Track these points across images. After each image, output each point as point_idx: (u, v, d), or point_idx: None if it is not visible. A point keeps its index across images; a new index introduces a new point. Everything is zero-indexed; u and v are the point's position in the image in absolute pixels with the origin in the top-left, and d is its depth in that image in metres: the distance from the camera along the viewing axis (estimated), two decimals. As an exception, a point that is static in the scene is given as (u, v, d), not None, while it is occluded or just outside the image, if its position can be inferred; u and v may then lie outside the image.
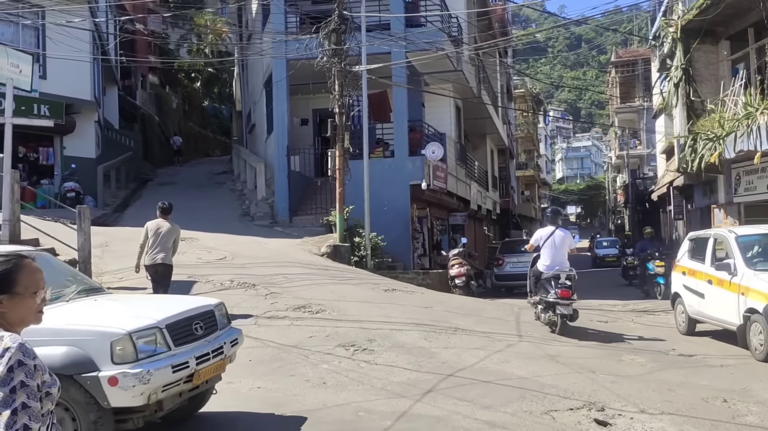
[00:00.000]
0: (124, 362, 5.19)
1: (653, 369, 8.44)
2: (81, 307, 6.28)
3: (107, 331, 5.31)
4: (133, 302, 7.34)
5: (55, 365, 5.16)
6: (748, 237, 9.93)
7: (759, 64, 16.23)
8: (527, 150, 57.15)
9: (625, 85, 45.76)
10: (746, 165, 15.34)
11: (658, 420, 6.13)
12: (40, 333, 5.26)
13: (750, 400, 6.78)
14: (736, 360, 8.99)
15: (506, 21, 32.12)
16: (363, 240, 15.88)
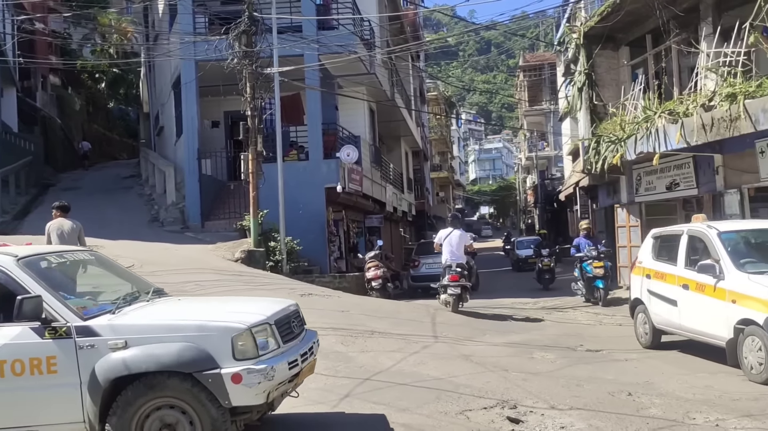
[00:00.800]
0: (246, 358, 4.97)
1: (562, 366, 8.72)
2: (175, 306, 6.06)
3: (228, 326, 5.07)
4: (218, 302, 7.08)
5: (171, 362, 4.92)
6: (732, 233, 8.62)
7: (656, 70, 17.03)
8: (441, 152, 58.04)
9: (532, 88, 47.22)
10: (646, 166, 16.07)
11: (567, 415, 6.32)
12: (153, 329, 5.10)
13: (653, 393, 7.09)
14: (639, 354, 9.41)
15: (418, 25, 32.50)
16: (278, 245, 15.71)
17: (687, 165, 14.97)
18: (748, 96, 11.40)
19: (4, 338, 4.93)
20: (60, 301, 5.06)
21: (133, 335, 4.95)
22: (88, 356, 4.90)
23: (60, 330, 4.92)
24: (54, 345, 4.92)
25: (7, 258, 5.22)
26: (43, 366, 4.90)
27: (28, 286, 5.01)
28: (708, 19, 13.89)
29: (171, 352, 4.88)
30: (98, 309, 5.35)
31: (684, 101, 13.43)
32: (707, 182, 14.51)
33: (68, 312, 5.01)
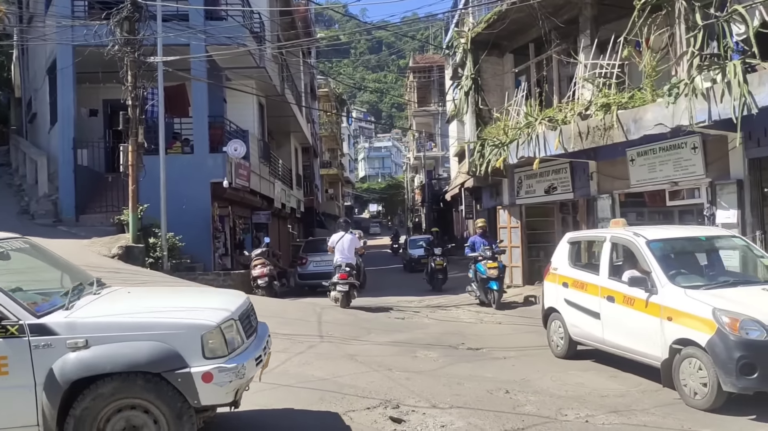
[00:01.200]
0: (216, 356, 4.80)
1: (444, 364, 8.91)
2: (132, 301, 5.72)
3: (197, 323, 4.87)
4: (174, 295, 6.70)
5: (140, 362, 4.68)
6: (660, 242, 7.89)
7: (538, 78, 17.75)
8: (331, 149, 58.00)
9: (422, 89, 48.09)
10: (527, 170, 16.73)
11: (448, 414, 6.46)
12: (116, 327, 4.80)
13: (529, 390, 7.37)
14: (517, 352, 9.75)
15: (309, 21, 32.27)
16: (159, 241, 15.13)
17: (564, 170, 15.70)
18: (620, 106, 12.07)
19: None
20: (8, 296, 4.72)
21: (93, 333, 4.69)
22: (44, 356, 4.61)
23: (11, 328, 4.60)
24: (4, 345, 4.59)
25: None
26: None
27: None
28: (586, 31, 14.60)
29: (139, 352, 4.67)
30: (49, 304, 5.01)
31: (563, 109, 14.06)
32: (582, 187, 15.28)
33: (19, 309, 4.68)
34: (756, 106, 9.33)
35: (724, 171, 11.44)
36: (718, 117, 9.99)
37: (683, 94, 10.47)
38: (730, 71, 9.61)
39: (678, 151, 12.16)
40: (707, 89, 10.09)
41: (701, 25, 10.54)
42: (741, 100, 9.39)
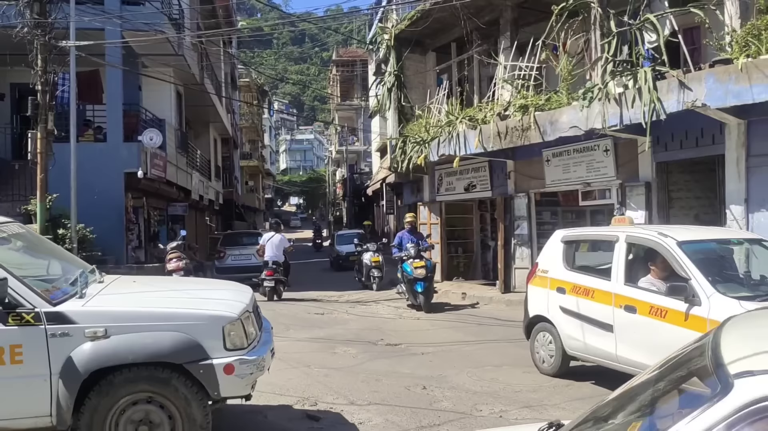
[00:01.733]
0: (237, 348, 4.77)
1: (363, 360, 8.93)
2: (147, 291, 5.61)
3: (218, 315, 4.82)
4: (184, 286, 6.61)
5: (163, 352, 4.59)
6: (694, 244, 6.58)
7: (460, 77, 18.02)
8: (252, 140, 57.05)
9: (345, 83, 47.96)
10: (447, 167, 16.96)
11: (366, 410, 6.47)
12: (142, 317, 4.70)
13: (445, 386, 7.48)
14: (435, 347, 9.88)
15: (231, 9, 31.63)
16: (69, 232, 14.49)
17: (483, 169, 16.01)
18: (538, 108, 12.40)
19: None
20: (23, 283, 4.53)
21: (113, 323, 4.57)
22: (61, 345, 4.46)
23: (27, 316, 4.44)
24: (20, 333, 4.42)
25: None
26: (6, 356, 4.39)
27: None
28: (506, 33, 14.91)
29: (161, 342, 4.59)
30: (62, 292, 4.82)
31: (483, 109, 14.32)
32: (500, 185, 15.62)
33: (34, 296, 4.51)
34: (664, 112, 9.76)
35: (633, 173, 11.93)
36: (629, 121, 10.40)
37: (597, 99, 10.85)
38: (641, 78, 10.02)
39: (591, 153, 12.60)
40: (619, 94, 10.49)
41: (615, 32, 10.94)
42: (651, 105, 9.81)
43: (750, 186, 9.89)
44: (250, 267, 20.33)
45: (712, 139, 10.51)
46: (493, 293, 15.16)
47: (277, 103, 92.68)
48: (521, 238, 14.93)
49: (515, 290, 14.90)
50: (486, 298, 14.76)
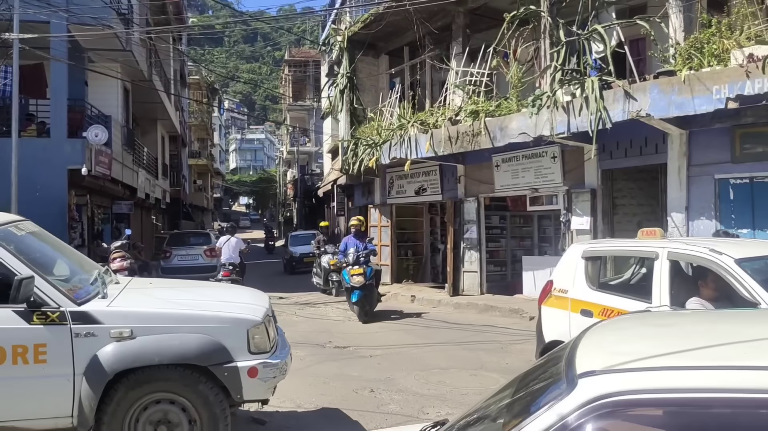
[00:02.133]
0: (260, 352, 4.77)
1: (311, 363, 8.88)
2: (168, 292, 5.60)
3: (243, 318, 4.82)
4: (202, 289, 6.55)
5: (189, 354, 4.56)
6: (756, 262, 5.66)
7: (412, 81, 18.12)
8: (201, 138, 56.23)
9: (297, 84, 47.66)
10: (398, 170, 17.03)
11: (312, 414, 6.44)
12: (167, 318, 4.66)
13: (393, 389, 7.50)
14: (383, 350, 9.90)
15: (182, 6, 31.12)
16: (8, 231, 14.05)
17: (434, 172, 16.12)
18: (488, 114, 12.56)
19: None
20: (48, 281, 4.48)
21: (139, 323, 4.55)
22: (86, 345, 4.42)
23: (52, 315, 4.38)
24: (45, 332, 4.37)
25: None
26: (29, 355, 4.33)
27: (10, 264, 4.40)
28: (459, 39, 15.06)
29: (188, 344, 4.56)
30: (84, 292, 4.76)
31: (434, 113, 14.43)
32: (450, 189, 15.76)
33: (59, 295, 4.46)
34: (610, 120, 10.00)
35: (579, 180, 12.18)
36: (576, 129, 10.62)
37: (546, 106, 11.04)
38: (588, 87, 10.24)
39: (539, 160, 12.81)
40: (567, 102, 10.70)
41: (564, 42, 11.16)
42: (597, 114, 10.03)
43: (690, 194, 10.22)
44: (196, 268, 20.05)
45: (656, 149, 10.82)
46: (441, 296, 15.27)
47: (228, 101, 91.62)
48: (470, 242, 15.08)
49: (463, 293, 15.05)
50: (435, 301, 14.86)
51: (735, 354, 2.03)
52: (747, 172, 9.59)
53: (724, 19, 9.55)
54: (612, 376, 1.90)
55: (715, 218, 9.92)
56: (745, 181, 9.62)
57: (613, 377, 1.89)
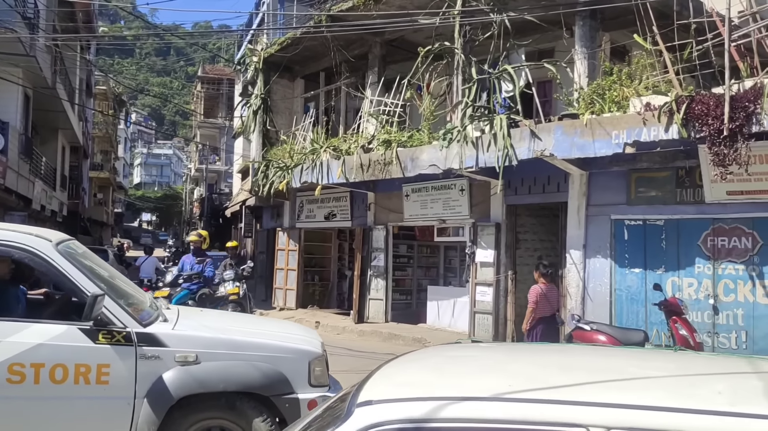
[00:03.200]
0: (320, 385, 4.72)
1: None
2: (228, 319, 5.69)
3: (305, 349, 4.78)
4: (247, 317, 6.65)
5: (253, 383, 4.49)
6: None
7: (326, 106, 18.18)
8: (105, 151, 54.17)
9: (209, 101, 46.92)
10: (309, 195, 16.96)
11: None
12: (232, 345, 4.57)
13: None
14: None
15: (92, 14, 30.12)
16: None
17: (345, 199, 16.17)
18: (400, 144, 12.75)
19: (41, 337, 4.15)
20: (114, 301, 4.37)
21: (203, 349, 4.45)
22: (150, 368, 4.31)
23: (118, 335, 4.27)
24: (110, 352, 4.25)
25: (42, 241, 4.36)
26: (92, 375, 4.19)
27: (78, 281, 4.28)
28: (374, 68, 15.27)
29: (252, 372, 4.48)
30: (147, 314, 4.64)
31: (347, 140, 14.52)
32: (360, 216, 15.84)
33: (125, 315, 4.36)
34: (516, 158, 10.37)
35: (485, 214, 12.52)
36: (484, 164, 10.95)
37: (456, 140, 11.33)
38: (497, 124, 10.59)
39: (448, 192, 13.09)
40: (477, 138, 11.03)
41: (476, 79, 11.52)
42: (504, 151, 10.38)
43: (588, 233, 10.68)
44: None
45: (558, 187, 11.28)
46: (346, 323, 15.23)
47: (136, 114, 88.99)
48: (377, 270, 15.16)
49: (368, 321, 15.08)
50: (339, 328, 14.80)
51: (504, 384, 2.18)
52: (640, 214, 10.14)
53: (625, 68, 10.15)
54: (386, 406, 2.00)
55: (610, 257, 10.40)
56: (638, 223, 10.16)
57: (387, 406, 2.00)
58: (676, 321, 7.91)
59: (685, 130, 8.68)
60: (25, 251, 4.35)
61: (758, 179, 8.71)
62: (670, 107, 8.82)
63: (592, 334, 8.45)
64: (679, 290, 9.61)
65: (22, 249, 4.35)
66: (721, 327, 9.33)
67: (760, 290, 9.03)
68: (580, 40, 11.13)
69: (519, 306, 12.32)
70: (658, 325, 9.57)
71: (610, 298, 10.37)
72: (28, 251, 4.34)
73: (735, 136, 8.27)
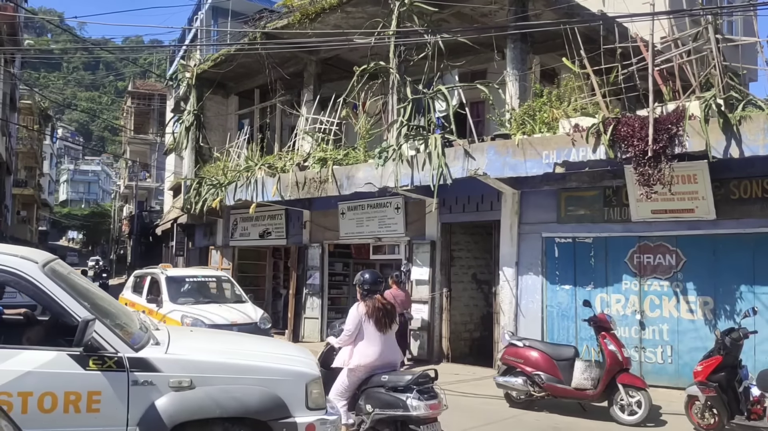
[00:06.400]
0: (318, 408, 4.55)
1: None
2: (220, 340, 5.38)
3: (302, 371, 4.59)
4: (241, 337, 6.28)
5: (250, 408, 4.32)
6: None
7: (261, 123, 18.03)
8: (29, 167, 52.19)
9: (140, 116, 45.90)
10: (243, 213, 16.74)
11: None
12: (227, 369, 4.38)
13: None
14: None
15: (17, 26, 29.10)
16: None
17: (280, 216, 16.02)
18: (336, 162, 12.74)
19: (30, 364, 3.93)
20: (105, 325, 4.15)
21: (198, 373, 4.25)
22: (142, 394, 4.10)
23: (109, 361, 4.05)
24: (101, 378, 4.03)
25: (27, 263, 4.16)
26: (82, 403, 3.98)
27: (67, 305, 4.10)
28: (310, 86, 15.26)
29: (249, 397, 4.30)
30: (137, 337, 4.41)
31: (283, 158, 14.41)
32: (296, 234, 15.72)
33: (116, 340, 4.13)
34: (450, 177, 10.50)
35: (421, 232, 12.61)
36: (419, 183, 11.04)
37: (392, 159, 11.40)
38: (431, 143, 10.71)
39: (384, 210, 13.14)
40: (412, 157, 11.13)
41: (411, 99, 11.64)
42: (439, 170, 10.50)
43: (520, 250, 10.89)
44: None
45: (491, 206, 11.47)
46: (281, 342, 15.01)
47: (62, 129, 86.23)
48: (313, 288, 15.04)
49: (303, 340, 14.92)
50: (274, 348, 14.56)
51: None
52: (570, 232, 10.40)
53: (555, 90, 10.44)
54: None
55: (542, 274, 10.62)
56: (568, 241, 10.42)
57: None
58: (605, 336, 8.10)
59: (612, 150, 8.97)
60: (11, 274, 4.14)
61: (681, 198, 9.07)
62: (598, 128, 9.11)
63: (525, 350, 8.58)
64: (608, 306, 9.89)
65: (7, 272, 4.14)
66: (647, 341, 9.63)
67: (683, 305, 9.37)
68: (512, 63, 11.40)
69: (454, 323, 12.43)
70: (588, 341, 9.81)
71: (541, 314, 10.57)
72: (14, 274, 4.13)
73: (659, 157, 8.59)
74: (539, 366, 8.39)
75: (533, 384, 8.38)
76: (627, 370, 8.10)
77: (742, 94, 8.78)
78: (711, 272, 9.21)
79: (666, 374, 9.45)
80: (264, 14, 18.24)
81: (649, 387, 8.15)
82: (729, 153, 8.24)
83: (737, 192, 9.00)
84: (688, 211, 9.18)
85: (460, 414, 7.55)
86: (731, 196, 9.02)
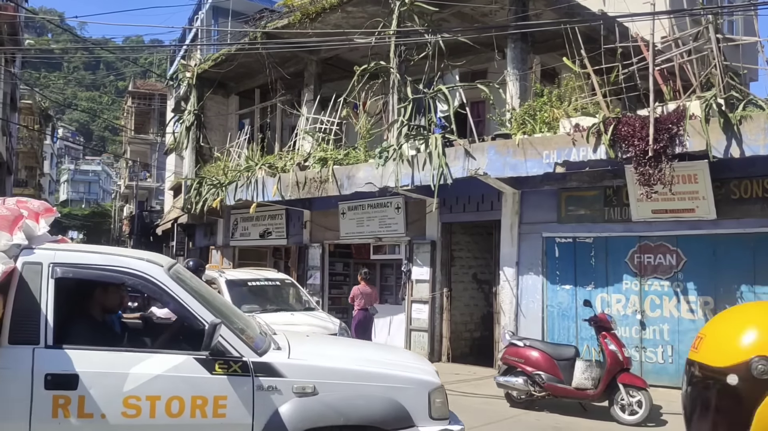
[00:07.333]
0: (441, 418, 4.36)
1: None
2: (342, 347, 5.32)
3: (425, 380, 4.42)
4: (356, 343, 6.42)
5: (374, 417, 4.19)
6: None
7: (262, 123, 18.03)
8: (29, 167, 52.23)
9: (140, 116, 45.87)
10: (244, 212, 16.73)
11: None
12: (351, 375, 4.28)
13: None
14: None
15: (18, 26, 29.11)
16: None
17: (280, 216, 16.01)
18: (336, 162, 12.73)
19: (158, 368, 3.92)
20: (230, 328, 4.11)
21: (322, 379, 4.15)
22: (267, 399, 4.02)
23: (234, 365, 4.01)
24: (227, 383, 3.98)
25: (154, 267, 4.16)
26: (209, 408, 3.94)
27: (194, 310, 4.08)
28: (310, 86, 15.25)
29: (372, 405, 4.18)
30: (260, 341, 4.34)
31: (283, 157, 14.41)
32: (296, 234, 15.71)
33: (241, 344, 4.08)
34: (451, 176, 10.50)
35: (421, 232, 12.60)
36: (419, 182, 11.04)
37: (392, 158, 11.39)
38: (432, 143, 10.71)
39: (384, 210, 13.13)
40: (412, 157, 11.12)
41: (411, 98, 11.64)
42: (439, 170, 10.50)
43: (521, 250, 10.89)
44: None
45: (491, 206, 11.47)
46: (282, 342, 15.01)
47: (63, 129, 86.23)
48: (313, 288, 15.03)
49: (304, 340, 14.89)
50: (274, 348, 14.57)
51: None
52: (570, 232, 10.40)
53: (555, 90, 10.43)
54: None
55: (542, 274, 10.62)
56: (568, 241, 10.41)
57: None
58: (605, 336, 8.10)
59: (613, 150, 8.97)
60: (139, 277, 4.13)
61: (681, 198, 9.07)
62: (598, 128, 9.10)
63: (525, 350, 8.57)
64: (608, 306, 9.88)
65: (136, 275, 4.13)
66: (648, 341, 9.63)
67: (684, 305, 9.37)
68: (512, 62, 11.39)
69: (454, 323, 12.43)
70: (589, 340, 9.81)
71: (542, 314, 10.57)
72: (142, 277, 4.13)
73: (659, 157, 8.59)
74: (540, 366, 8.38)
75: (534, 383, 8.38)
76: (627, 370, 8.10)
77: (742, 93, 8.78)
78: (711, 272, 9.21)
79: (666, 374, 9.45)
80: (264, 14, 18.26)
81: (650, 386, 8.15)
82: (729, 153, 8.24)
83: (738, 192, 9.00)
84: (689, 211, 9.17)
85: (460, 413, 7.50)
86: (732, 196, 9.02)
